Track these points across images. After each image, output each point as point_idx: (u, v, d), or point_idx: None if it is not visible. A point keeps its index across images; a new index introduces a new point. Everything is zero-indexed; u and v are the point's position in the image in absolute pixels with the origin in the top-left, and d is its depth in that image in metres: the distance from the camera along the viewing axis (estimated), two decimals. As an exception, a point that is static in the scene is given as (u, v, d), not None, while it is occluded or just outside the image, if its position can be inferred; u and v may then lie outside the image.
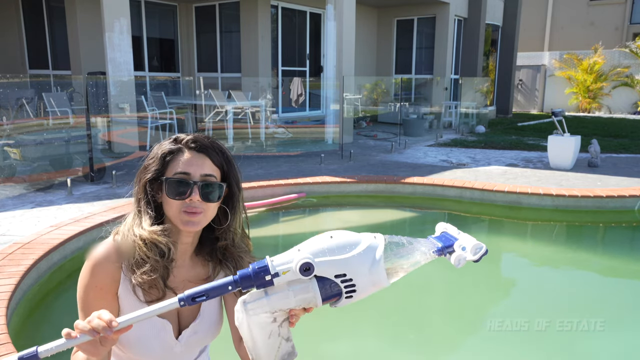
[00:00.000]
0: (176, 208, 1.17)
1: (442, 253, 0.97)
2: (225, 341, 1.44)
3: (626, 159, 8.31)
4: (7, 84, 8.58)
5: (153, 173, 1.19)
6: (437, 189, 5.89)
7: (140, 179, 1.22)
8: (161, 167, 1.19)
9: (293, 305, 0.92)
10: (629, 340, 3.14)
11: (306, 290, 0.90)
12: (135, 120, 7.88)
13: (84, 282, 1.17)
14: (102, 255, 1.18)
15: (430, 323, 3.37)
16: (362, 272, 0.90)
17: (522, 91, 20.52)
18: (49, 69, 10.21)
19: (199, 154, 1.20)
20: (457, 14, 13.69)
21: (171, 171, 1.18)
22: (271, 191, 5.62)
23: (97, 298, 1.16)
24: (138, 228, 1.19)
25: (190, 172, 1.18)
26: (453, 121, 13.16)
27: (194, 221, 1.18)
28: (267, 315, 0.93)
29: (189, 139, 1.21)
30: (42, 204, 4.93)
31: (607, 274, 4.37)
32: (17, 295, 2.98)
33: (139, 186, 1.22)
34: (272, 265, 0.89)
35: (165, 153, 1.20)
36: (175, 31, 11.57)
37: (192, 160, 1.19)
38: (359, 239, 0.91)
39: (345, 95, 9.07)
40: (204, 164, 1.20)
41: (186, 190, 1.16)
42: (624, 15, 21.62)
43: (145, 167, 1.22)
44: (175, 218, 1.18)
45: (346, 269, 0.89)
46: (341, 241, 0.90)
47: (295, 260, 0.88)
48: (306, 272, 0.88)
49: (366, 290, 0.92)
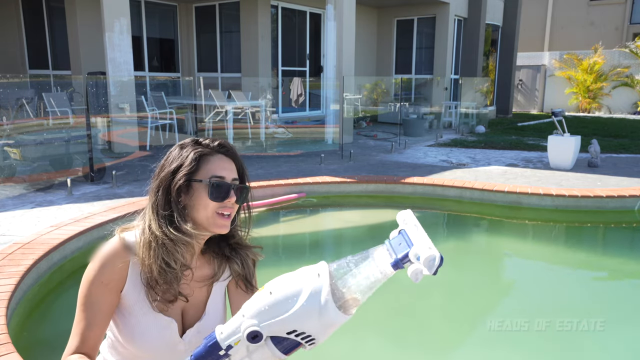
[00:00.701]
0: (211, 210, 1.19)
1: (399, 267, 0.85)
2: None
3: (626, 159, 8.31)
4: (7, 84, 8.58)
5: (187, 175, 1.18)
6: (437, 189, 5.89)
7: (171, 182, 1.19)
8: (195, 169, 1.19)
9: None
10: (629, 340, 3.14)
11: (265, 353, 0.86)
12: (135, 120, 7.88)
13: (90, 276, 1.17)
14: (111, 252, 1.19)
15: (430, 323, 3.37)
16: (312, 322, 0.84)
17: (522, 91, 20.52)
18: (49, 69, 10.22)
19: (227, 158, 1.24)
20: (457, 14, 13.69)
21: (205, 174, 1.19)
22: (271, 191, 5.62)
23: (101, 293, 1.17)
24: (173, 231, 1.17)
25: (225, 175, 1.21)
26: (453, 121, 13.16)
27: (227, 224, 1.22)
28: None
29: (218, 143, 1.24)
30: (42, 204, 4.93)
31: (607, 274, 4.37)
32: (17, 295, 2.98)
33: (166, 190, 1.19)
34: (221, 339, 0.87)
35: (198, 155, 1.20)
36: (175, 31, 11.57)
37: (224, 164, 1.22)
38: (299, 288, 0.83)
39: (345, 95, 9.07)
40: (233, 168, 1.24)
41: (227, 193, 1.20)
42: (624, 15, 21.62)
43: (173, 170, 1.20)
44: (207, 220, 1.20)
45: (294, 325, 0.84)
46: (280, 296, 0.84)
47: (242, 329, 0.85)
48: (255, 340, 0.84)
49: (325, 333, 0.87)
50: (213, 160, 1.21)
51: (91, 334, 1.16)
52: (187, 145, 1.23)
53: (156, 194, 1.21)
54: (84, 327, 1.15)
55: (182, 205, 1.20)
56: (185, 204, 1.20)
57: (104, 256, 1.18)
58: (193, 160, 1.19)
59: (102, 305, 1.17)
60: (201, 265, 1.31)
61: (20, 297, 3.06)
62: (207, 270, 1.32)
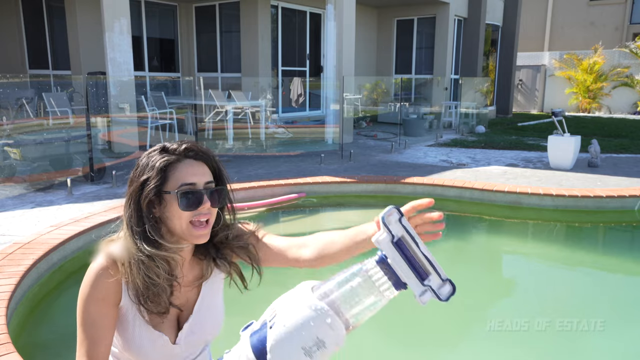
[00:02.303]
0: (185, 220, 1.14)
1: (402, 287, 0.86)
2: (226, 340, 1.44)
3: (626, 159, 8.31)
4: (7, 84, 8.58)
5: (155, 188, 1.13)
6: (437, 189, 5.89)
7: (140, 196, 1.14)
8: (163, 180, 1.14)
9: None
10: (629, 340, 3.14)
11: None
12: (135, 120, 7.88)
13: (85, 295, 1.14)
14: (101, 268, 1.15)
15: (430, 323, 3.37)
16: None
17: (522, 91, 20.52)
18: (49, 69, 10.21)
19: (197, 162, 1.18)
20: (457, 14, 13.69)
21: (175, 183, 1.14)
22: (271, 191, 5.62)
23: (99, 310, 1.14)
24: (147, 246, 1.14)
25: (196, 181, 1.15)
26: (453, 121, 13.16)
27: (204, 234, 1.17)
28: None
29: (184, 147, 1.18)
30: (42, 204, 4.93)
31: (607, 273, 4.37)
32: (17, 295, 2.97)
33: (137, 204, 1.15)
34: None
35: (164, 165, 1.15)
36: (175, 31, 11.57)
37: (194, 169, 1.17)
38: (317, 338, 0.84)
39: (345, 95, 9.07)
40: (204, 172, 1.18)
41: (199, 201, 1.14)
42: (624, 15, 21.62)
43: (141, 183, 1.15)
44: (183, 231, 1.16)
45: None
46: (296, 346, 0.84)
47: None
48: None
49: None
50: (181, 168, 1.15)
51: (98, 351, 1.13)
52: (153, 154, 1.17)
53: (128, 208, 1.17)
54: (89, 346, 1.12)
55: (156, 219, 1.16)
56: (160, 216, 1.16)
57: (94, 273, 1.15)
58: (159, 171, 1.14)
59: (103, 321, 1.14)
60: (190, 268, 1.28)
61: (20, 297, 3.06)
62: (196, 272, 1.29)
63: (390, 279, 0.85)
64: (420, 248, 0.86)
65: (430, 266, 0.86)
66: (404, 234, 0.86)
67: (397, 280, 0.85)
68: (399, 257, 0.84)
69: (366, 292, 0.86)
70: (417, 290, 0.84)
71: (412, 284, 0.84)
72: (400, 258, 0.84)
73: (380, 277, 0.86)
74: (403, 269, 0.84)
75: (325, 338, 0.83)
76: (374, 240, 0.85)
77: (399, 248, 0.84)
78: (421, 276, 0.84)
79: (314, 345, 0.82)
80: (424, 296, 0.83)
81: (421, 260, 0.86)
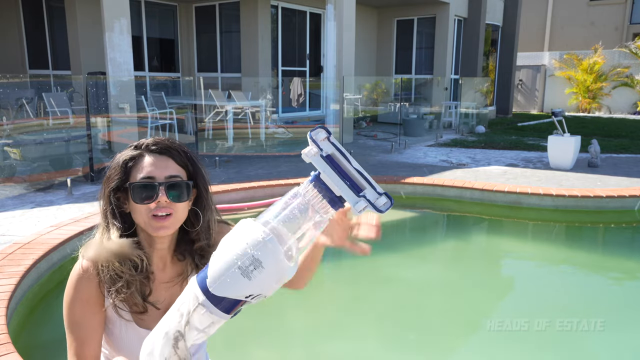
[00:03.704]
0: (145, 214, 1.14)
1: (338, 203, 0.83)
2: (224, 340, 1.44)
3: (626, 159, 8.31)
4: (7, 84, 8.58)
5: (116, 182, 1.16)
6: (437, 189, 5.89)
7: (105, 190, 1.18)
8: (124, 175, 1.16)
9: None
10: (629, 340, 3.14)
11: (206, 317, 0.84)
12: (135, 120, 7.88)
13: (69, 298, 1.15)
14: (82, 271, 1.16)
15: (430, 323, 3.37)
16: (269, 284, 0.83)
17: (522, 91, 20.52)
18: (49, 69, 10.21)
19: (161, 156, 1.18)
20: (457, 14, 13.69)
21: (135, 177, 1.16)
22: (271, 191, 5.62)
23: (83, 311, 1.14)
24: (108, 241, 1.16)
25: (155, 175, 1.15)
26: (453, 121, 13.16)
27: (164, 226, 1.15)
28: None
29: (149, 142, 1.19)
30: (42, 204, 4.93)
31: (607, 274, 4.37)
32: (17, 295, 2.98)
33: (104, 198, 1.19)
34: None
35: (127, 160, 1.17)
36: (175, 31, 11.57)
37: (155, 163, 1.16)
38: (255, 257, 0.80)
39: (345, 95, 9.08)
40: (167, 166, 1.17)
41: (152, 193, 1.14)
42: (624, 15, 21.63)
43: (108, 177, 1.18)
44: (145, 225, 1.16)
45: (251, 291, 0.82)
46: (234, 267, 0.81)
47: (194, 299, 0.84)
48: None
49: (276, 288, 0.85)
50: (142, 162, 1.17)
51: (86, 351, 1.13)
52: (125, 151, 1.20)
53: (100, 204, 1.20)
54: (77, 347, 1.13)
55: (125, 214, 1.18)
56: (129, 211, 1.18)
57: (76, 275, 1.16)
58: (121, 166, 1.17)
59: (89, 322, 1.14)
60: (173, 264, 1.27)
61: (20, 297, 3.06)
62: (179, 268, 1.28)
63: (325, 196, 0.83)
64: (352, 164, 0.84)
65: (365, 181, 0.83)
66: (334, 151, 0.84)
67: (332, 196, 0.83)
68: (329, 170, 0.82)
69: (304, 214, 0.84)
70: (352, 200, 0.82)
71: (346, 195, 0.82)
72: (331, 170, 0.82)
73: (315, 196, 0.84)
74: (335, 181, 0.82)
75: (260, 257, 0.80)
76: (302, 153, 0.84)
77: (330, 162, 0.83)
78: (356, 189, 0.82)
79: (251, 265, 0.80)
80: (358, 205, 0.81)
81: (354, 175, 0.84)
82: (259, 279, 0.80)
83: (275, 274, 0.81)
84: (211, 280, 0.81)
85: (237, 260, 0.80)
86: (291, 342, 3.01)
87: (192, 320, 0.83)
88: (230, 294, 0.81)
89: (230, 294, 0.81)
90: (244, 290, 0.81)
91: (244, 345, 2.89)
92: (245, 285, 0.80)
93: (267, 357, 2.95)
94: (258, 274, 0.80)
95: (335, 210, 0.84)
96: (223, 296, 0.81)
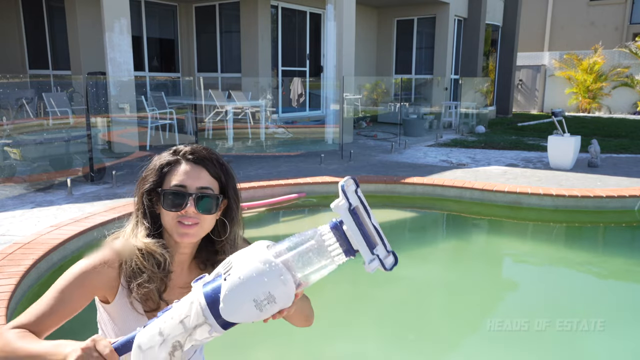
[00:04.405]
0: (172, 219, 1.18)
1: (352, 254, 0.90)
2: (224, 339, 1.44)
3: (626, 159, 8.31)
4: (7, 84, 8.58)
5: (151, 184, 1.20)
6: (437, 189, 5.89)
7: (139, 190, 1.23)
8: (159, 178, 1.20)
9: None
10: (629, 340, 3.14)
11: (205, 331, 0.90)
12: (135, 120, 7.88)
13: (75, 272, 1.15)
14: (102, 260, 1.18)
15: (430, 323, 3.37)
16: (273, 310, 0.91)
17: (522, 91, 20.52)
18: (49, 69, 10.21)
19: (196, 166, 1.21)
20: (457, 14, 13.69)
21: (168, 183, 1.19)
22: (271, 191, 5.62)
23: (77, 292, 1.15)
24: (135, 238, 1.21)
25: (187, 184, 1.18)
26: (453, 121, 13.16)
27: (189, 233, 1.19)
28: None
29: (187, 150, 1.22)
30: (42, 204, 4.93)
31: (607, 274, 4.37)
32: (17, 295, 2.98)
33: (137, 197, 1.23)
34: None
35: (163, 165, 1.21)
36: (175, 31, 11.57)
37: (189, 172, 1.19)
38: (268, 291, 0.88)
39: (345, 95, 9.07)
40: (200, 176, 1.20)
41: (182, 202, 1.17)
42: (624, 15, 21.63)
43: (143, 178, 1.23)
44: (171, 229, 1.19)
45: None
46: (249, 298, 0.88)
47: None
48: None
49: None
50: (177, 169, 1.20)
51: (48, 321, 1.12)
52: (164, 154, 1.24)
53: (134, 199, 1.25)
54: (45, 311, 1.12)
55: (157, 214, 1.22)
56: (159, 212, 1.22)
57: (95, 261, 1.18)
58: (157, 170, 1.21)
59: (73, 303, 1.14)
60: (191, 270, 1.30)
61: (20, 297, 3.06)
62: (194, 276, 1.29)
63: (342, 245, 0.90)
64: (371, 219, 0.91)
65: (378, 237, 0.91)
66: (358, 204, 0.91)
67: (349, 247, 0.90)
68: (354, 225, 0.89)
69: (318, 256, 0.91)
70: (367, 257, 0.88)
71: (363, 251, 0.89)
72: (355, 226, 0.89)
73: (333, 243, 0.90)
74: (356, 236, 0.89)
75: (276, 294, 0.88)
76: (332, 206, 0.90)
77: (355, 217, 0.89)
78: (370, 245, 0.89)
79: (265, 300, 0.88)
80: (372, 264, 0.88)
81: (371, 230, 0.91)
82: (268, 311, 0.89)
83: (282, 307, 0.90)
84: (225, 307, 0.88)
85: (253, 294, 0.87)
86: (291, 342, 3.01)
87: (194, 334, 0.89)
88: (238, 320, 0.89)
89: (238, 320, 0.89)
90: (252, 319, 0.89)
91: (243, 345, 2.89)
92: (256, 315, 0.89)
93: (267, 356, 2.95)
94: (270, 307, 0.88)
95: (346, 259, 0.91)
96: (232, 322, 0.89)
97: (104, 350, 0.92)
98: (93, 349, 0.92)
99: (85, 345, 0.93)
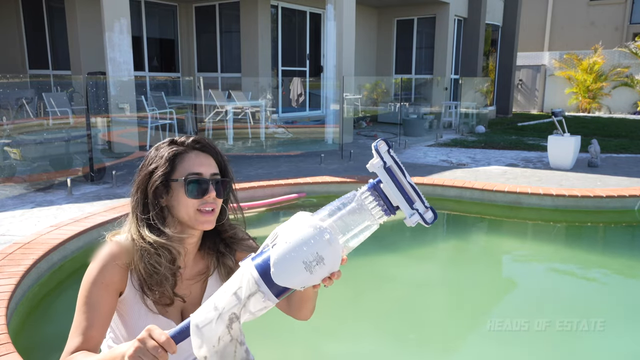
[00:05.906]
0: (192, 208, 1.19)
1: (392, 211, 0.93)
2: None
3: (626, 159, 8.31)
4: (7, 84, 8.58)
5: (163, 176, 1.19)
6: (437, 189, 5.89)
7: (148, 184, 1.20)
8: (170, 169, 1.20)
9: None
10: (629, 341, 3.14)
11: (259, 300, 0.91)
12: (135, 120, 7.88)
13: (91, 277, 1.17)
14: (111, 254, 1.19)
15: (430, 323, 3.37)
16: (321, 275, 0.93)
17: (522, 91, 20.52)
18: (49, 69, 10.21)
19: (204, 154, 1.23)
20: (457, 14, 13.69)
21: (182, 172, 1.19)
22: (271, 191, 5.62)
23: (102, 294, 1.16)
24: (150, 234, 1.18)
25: (202, 171, 1.20)
26: (453, 121, 13.16)
27: (210, 220, 1.21)
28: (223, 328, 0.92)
29: (193, 139, 1.24)
30: (42, 204, 4.93)
31: (607, 274, 4.37)
32: (17, 295, 2.97)
33: (144, 192, 1.21)
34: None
35: (172, 155, 1.21)
36: (175, 31, 11.57)
37: (201, 160, 1.22)
38: (318, 255, 0.90)
39: (345, 95, 9.07)
40: (210, 164, 1.23)
41: (205, 189, 1.19)
42: (624, 15, 21.62)
43: (150, 171, 1.21)
44: (190, 218, 1.20)
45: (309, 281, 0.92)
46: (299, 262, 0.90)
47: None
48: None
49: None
50: (189, 158, 1.21)
51: (93, 334, 1.14)
52: (162, 146, 1.24)
53: (135, 197, 1.22)
54: (86, 327, 1.14)
55: (161, 208, 1.20)
56: (166, 205, 1.21)
57: (104, 257, 1.18)
58: (167, 160, 1.20)
59: (103, 306, 1.16)
60: (196, 262, 1.31)
61: (20, 297, 3.06)
62: (201, 266, 1.31)
63: (382, 204, 0.93)
64: (406, 177, 0.94)
65: (416, 194, 0.94)
66: (392, 164, 0.94)
67: (389, 205, 0.93)
68: (391, 182, 0.92)
69: (360, 217, 0.94)
70: (407, 212, 0.92)
71: (403, 206, 0.92)
72: (392, 182, 0.92)
73: (372, 201, 0.94)
74: (395, 193, 0.92)
75: (324, 254, 0.90)
76: (368, 166, 0.94)
77: (391, 175, 0.93)
78: (410, 202, 0.93)
79: (314, 261, 0.90)
80: (412, 217, 0.92)
81: (407, 187, 0.94)
82: (318, 273, 0.91)
83: (331, 269, 0.92)
84: (276, 271, 0.90)
85: (302, 256, 0.90)
86: (291, 341, 3.01)
87: (248, 304, 0.91)
88: (291, 284, 0.91)
89: (290, 284, 0.91)
90: (304, 282, 0.91)
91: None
92: (306, 278, 0.90)
93: (267, 356, 2.95)
94: (319, 268, 0.90)
95: (388, 217, 0.94)
96: (284, 286, 0.90)
97: (160, 338, 0.92)
98: (149, 337, 0.93)
99: (140, 337, 0.93)
